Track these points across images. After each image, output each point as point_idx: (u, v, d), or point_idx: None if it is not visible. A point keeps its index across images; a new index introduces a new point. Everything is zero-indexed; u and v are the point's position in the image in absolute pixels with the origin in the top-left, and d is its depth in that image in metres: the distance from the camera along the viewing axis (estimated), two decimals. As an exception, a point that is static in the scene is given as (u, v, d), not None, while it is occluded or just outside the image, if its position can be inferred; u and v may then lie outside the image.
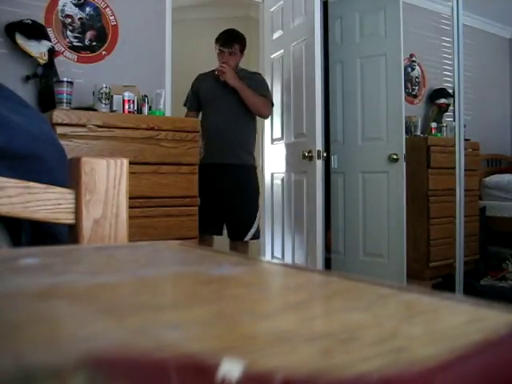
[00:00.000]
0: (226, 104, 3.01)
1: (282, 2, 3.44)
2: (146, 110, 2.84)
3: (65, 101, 2.59)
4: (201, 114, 3.19)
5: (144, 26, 3.23)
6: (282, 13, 3.42)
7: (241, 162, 2.99)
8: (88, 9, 3.05)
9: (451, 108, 3.58)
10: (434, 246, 3.82)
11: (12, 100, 0.77)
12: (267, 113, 3.08)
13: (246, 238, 2.99)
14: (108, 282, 0.36)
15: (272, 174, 3.58)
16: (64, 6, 2.97)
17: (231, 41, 3.07)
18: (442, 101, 4.45)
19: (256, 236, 3.06)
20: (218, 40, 3.10)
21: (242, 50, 3.11)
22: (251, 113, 3.03)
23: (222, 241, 3.12)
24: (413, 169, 3.64)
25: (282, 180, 3.43)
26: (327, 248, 3.51)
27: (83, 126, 2.46)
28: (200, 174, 2.81)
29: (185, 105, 3.26)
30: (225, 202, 2.99)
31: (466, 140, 3.48)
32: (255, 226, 3.00)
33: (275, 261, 2.84)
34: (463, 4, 2.91)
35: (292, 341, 0.23)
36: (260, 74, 3.23)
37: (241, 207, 2.98)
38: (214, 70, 3.09)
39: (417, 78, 4.50)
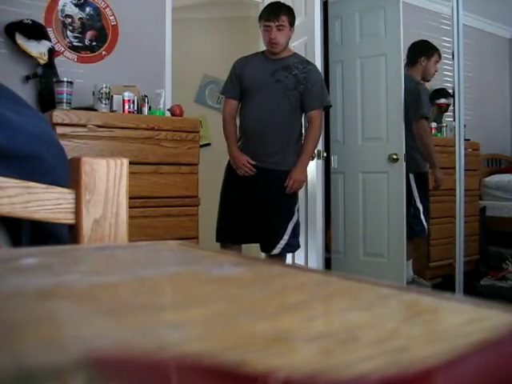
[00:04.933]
0: (271, 95, 2.60)
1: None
2: (146, 110, 2.84)
3: (65, 101, 2.59)
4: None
5: (144, 26, 3.23)
6: (282, 13, 3.42)
7: (279, 168, 2.60)
8: (88, 9, 3.05)
9: (451, 108, 3.58)
10: (434, 245, 3.82)
11: (12, 100, 0.77)
12: (322, 127, 2.76)
13: (274, 251, 2.59)
14: (108, 281, 0.36)
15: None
16: (64, 6, 2.97)
17: (277, 12, 2.61)
18: (442, 101, 4.45)
19: (287, 249, 2.66)
20: (261, 16, 2.67)
21: (291, 24, 2.64)
22: (301, 108, 2.66)
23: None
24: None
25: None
26: (327, 248, 3.51)
27: (83, 126, 2.46)
28: (231, 172, 2.67)
29: (222, 93, 2.85)
30: (252, 209, 2.62)
31: (466, 140, 3.48)
32: (285, 237, 2.59)
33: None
34: (463, 4, 2.91)
35: (292, 341, 0.23)
36: (314, 67, 2.75)
37: (269, 216, 2.60)
38: (261, 52, 2.75)
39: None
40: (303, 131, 2.75)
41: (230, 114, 2.74)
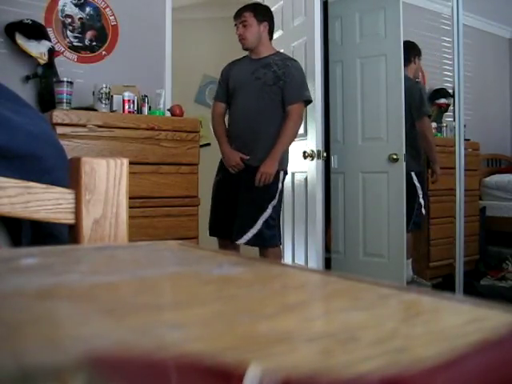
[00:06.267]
0: (251, 93, 2.66)
1: (281, 2, 3.43)
2: (145, 110, 2.84)
3: (65, 101, 2.59)
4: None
5: (144, 26, 3.23)
6: (282, 13, 3.42)
7: (258, 164, 2.61)
8: (88, 9, 3.05)
9: (451, 108, 3.58)
10: (434, 245, 3.82)
11: (12, 100, 0.77)
12: (300, 122, 2.72)
13: (239, 241, 2.60)
14: (108, 281, 0.36)
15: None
16: (64, 6, 2.97)
17: (239, 11, 2.73)
18: (442, 101, 4.45)
19: (257, 243, 2.64)
20: None
21: (260, 19, 2.70)
22: (283, 107, 2.65)
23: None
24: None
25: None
26: (327, 248, 3.51)
27: (83, 126, 2.46)
28: (222, 168, 2.74)
29: (213, 97, 2.94)
30: (233, 204, 2.67)
31: (466, 140, 3.48)
32: (253, 231, 2.59)
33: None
34: (463, 4, 2.91)
35: (292, 341, 0.23)
36: (294, 62, 2.74)
37: (242, 209, 2.63)
38: (245, 56, 2.81)
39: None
40: None
41: (217, 115, 2.82)
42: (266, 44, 2.75)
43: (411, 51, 3.55)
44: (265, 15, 2.76)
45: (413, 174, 3.44)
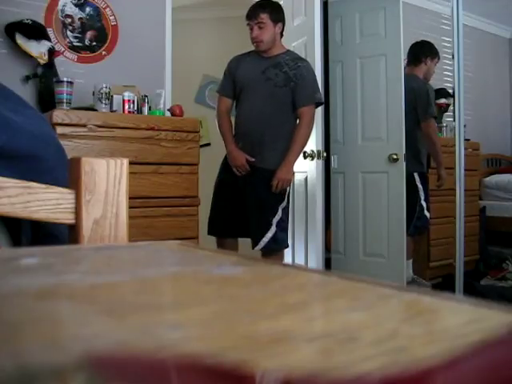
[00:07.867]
0: (261, 93, 2.61)
1: (282, 2, 3.43)
2: (145, 109, 2.84)
3: (65, 101, 2.59)
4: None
5: (144, 26, 3.23)
6: (282, 13, 3.42)
7: (265, 166, 2.59)
8: (88, 9, 3.05)
9: (451, 108, 3.58)
10: (434, 245, 3.82)
11: (12, 100, 0.77)
12: (312, 125, 2.69)
13: (257, 248, 2.58)
14: (108, 281, 0.36)
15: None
16: (64, 5, 2.97)
17: (255, 10, 2.63)
18: (442, 101, 4.45)
19: (272, 247, 2.60)
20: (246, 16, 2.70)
21: (275, 20, 2.64)
22: (293, 106, 2.63)
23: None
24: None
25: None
26: (327, 248, 3.51)
27: (83, 126, 2.46)
28: (225, 166, 2.70)
29: (217, 91, 2.85)
30: (241, 204, 2.63)
31: (466, 140, 3.48)
32: (269, 235, 2.56)
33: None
34: (463, 4, 2.90)
35: (292, 341, 0.23)
36: (305, 63, 2.70)
37: (254, 214, 2.60)
38: (254, 50, 2.72)
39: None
40: None
41: (224, 111, 2.76)
42: (278, 44, 2.71)
43: (422, 52, 3.53)
44: (279, 14, 2.70)
45: (416, 175, 3.42)
